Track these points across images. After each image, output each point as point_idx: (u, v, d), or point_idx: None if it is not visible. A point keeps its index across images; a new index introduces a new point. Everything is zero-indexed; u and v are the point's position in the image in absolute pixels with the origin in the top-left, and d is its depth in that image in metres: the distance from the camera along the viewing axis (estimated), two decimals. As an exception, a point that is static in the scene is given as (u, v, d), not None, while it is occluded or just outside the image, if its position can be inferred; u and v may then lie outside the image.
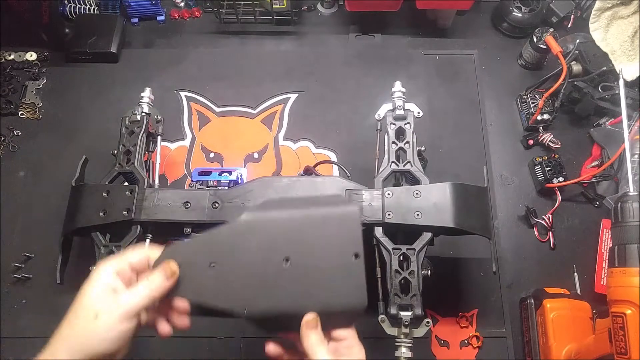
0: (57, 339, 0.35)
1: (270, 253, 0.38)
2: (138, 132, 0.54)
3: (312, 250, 0.38)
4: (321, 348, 0.37)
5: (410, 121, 0.51)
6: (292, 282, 0.37)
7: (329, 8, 0.78)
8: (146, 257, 0.37)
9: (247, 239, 0.39)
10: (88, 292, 0.35)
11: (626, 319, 0.42)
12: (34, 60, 0.73)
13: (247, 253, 0.38)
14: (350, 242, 0.38)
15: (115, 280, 0.36)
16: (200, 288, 0.37)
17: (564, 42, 0.68)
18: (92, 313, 0.35)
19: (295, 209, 0.40)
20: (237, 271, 0.38)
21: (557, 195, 0.62)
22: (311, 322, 0.37)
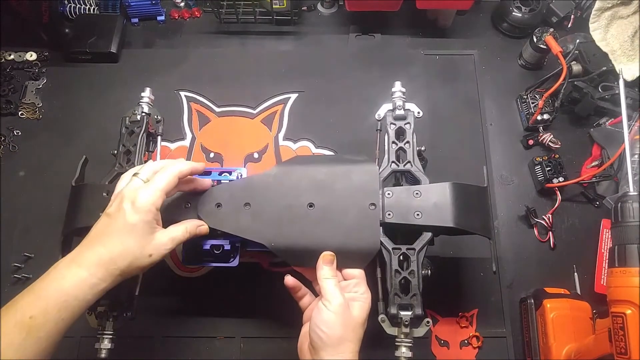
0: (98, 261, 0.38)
1: (296, 198, 0.45)
2: (138, 132, 0.54)
3: (333, 198, 0.45)
4: (332, 280, 0.42)
5: (410, 121, 0.51)
6: (314, 224, 0.44)
7: (329, 8, 0.78)
8: (176, 178, 0.42)
9: (277, 185, 0.46)
10: (140, 228, 0.39)
11: (626, 319, 0.42)
12: (33, 60, 0.73)
13: (276, 197, 0.45)
14: (368, 193, 0.45)
15: (157, 214, 0.41)
16: (236, 223, 0.45)
17: (564, 42, 0.68)
18: (147, 252, 0.40)
19: (322, 162, 0.48)
20: (267, 211, 0.45)
21: (557, 195, 0.62)
22: (327, 257, 0.44)
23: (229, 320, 0.57)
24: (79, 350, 0.55)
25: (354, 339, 0.41)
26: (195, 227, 0.44)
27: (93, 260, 0.38)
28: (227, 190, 0.47)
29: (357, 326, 0.41)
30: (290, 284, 0.46)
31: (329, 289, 0.42)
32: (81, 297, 0.37)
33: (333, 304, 0.41)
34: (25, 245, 0.61)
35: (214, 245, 0.47)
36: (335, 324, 0.40)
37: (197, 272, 0.60)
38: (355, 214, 0.44)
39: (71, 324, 0.37)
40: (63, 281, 0.37)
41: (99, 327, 0.47)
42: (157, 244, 0.40)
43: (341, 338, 0.40)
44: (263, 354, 0.56)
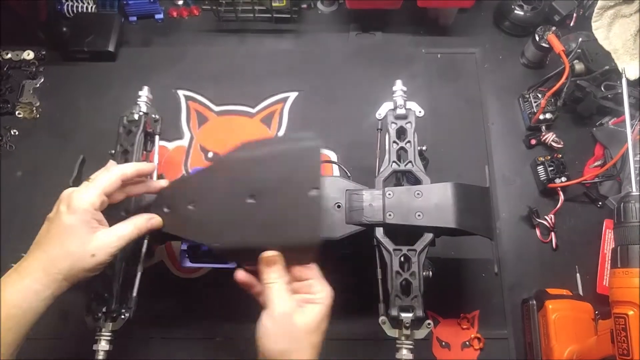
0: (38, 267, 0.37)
1: (237, 191, 0.41)
2: (136, 132, 0.53)
3: (274, 187, 0.40)
4: (275, 285, 0.38)
5: (411, 120, 0.50)
6: (255, 218, 0.40)
7: (329, 6, 0.78)
8: (118, 180, 0.41)
9: (218, 178, 0.42)
10: (78, 228, 0.38)
11: (628, 320, 0.41)
12: (31, 59, 0.72)
13: (217, 192, 0.42)
14: (309, 177, 0.40)
15: (97, 214, 0.40)
16: (182, 224, 0.42)
17: (566, 41, 0.67)
18: (89, 253, 0.38)
19: (263, 148, 0.42)
20: (209, 209, 0.42)
21: (560, 196, 0.62)
22: (268, 258, 0.39)
23: (228, 322, 0.57)
24: (77, 352, 0.54)
25: (302, 351, 0.37)
26: (145, 221, 0.42)
27: (34, 267, 0.37)
28: (173, 190, 0.44)
29: (305, 335, 0.37)
30: (241, 279, 0.42)
31: (271, 295, 0.38)
32: (25, 305, 0.36)
33: (276, 313, 0.37)
34: (22, 246, 0.59)
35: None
36: (278, 336, 0.37)
37: (195, 273, 0.59)
38: (295, 202, 0.39)
39: (23, 333, 0.37)
40: (5, 292, 0.36)
41: (97, 328, 0.46)
42: (100, 243, 0.39)
43: (283, 352, 0.36)
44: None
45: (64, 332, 0.56)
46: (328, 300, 0.39)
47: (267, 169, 0.41)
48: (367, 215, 0.45)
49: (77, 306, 0.47)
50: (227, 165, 0.43)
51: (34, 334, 0.55)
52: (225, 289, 0.57)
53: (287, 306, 0.38)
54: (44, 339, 0.56)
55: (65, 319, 0.57)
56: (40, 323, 0.56)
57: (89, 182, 0.41)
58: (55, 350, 0.56)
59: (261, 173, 0.41)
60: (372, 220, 0.45)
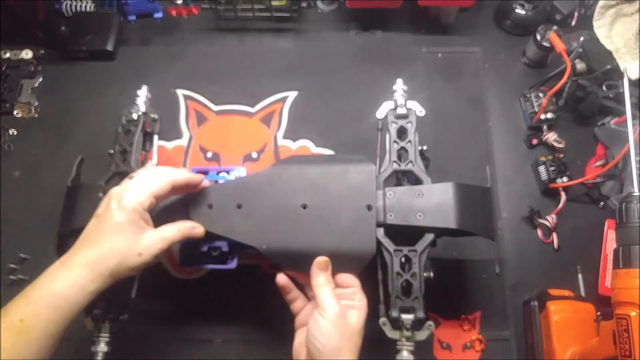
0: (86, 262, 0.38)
1: (290, 199, 0.44)
2: (134, 132, 0.53)
3: (328, 200, 0.43)
4: (327, 288, 0.41)
5: (412, 120, 0.50)
6: (307, 227, 0.43)
7: (328, 5, 0.77)
8: (169, 185, 0.42)
9: (270, 186, 0.45)
10: (127, 227, 0.39)
11: (630, 321, 0.41)
12: (29, 59, 0.72)
13: (269, 198, 0.44)
14: (363, 194, 0.43)
15: (145, 214, 0.41)
16: (227, 225, 0.44)
17: (567, 40, 0.67)
18: (136, 252, 0.39)
19: (316, 162, 0.47)
20: (259, 213, 0.44)
21: (561, 196, 0.62)
22: (322, 263, 0.42)
23: (228, 323, 0.56)
24: (75, 354, 0.54)
25: (352, 348, 0.40)
26: (189, 229, 0.43)
27: (81, 261, 0.38)
28: (219, 190, 0.46)
29: (354, 335, 0.40)
30: (282, 282, 0.45)
31: (324, 297, 0.41)
32: (71, 298, 0.37)
33: (329, 313, 0.40)
34: (20, 246, 0.60)
35: (212, 247, 0.47)
36: (332, 334, 0.39)
37: (195, 274, 0.59)
38: (350, 215, 0.43)
39: (64, 326, 0.37)
40: (52, 284, 0.37)
41: (95, 330, 0.46)
42: (147, 243, 0.40)
43: (338, 348, 0.39)
44: (262, 356, 0.55)
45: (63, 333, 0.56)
46: (366, 308, 0.43)
47: (321, 182, 0.44)
48: (368, 216, 0.45)
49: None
50: (279, 173, 0.45)
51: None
52: (225, 290, 0.57)
53: (339, 308, 0.40)
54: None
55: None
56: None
57: (135, 183, 0.41)
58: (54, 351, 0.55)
59: (314, 184, 0.44)
60: (372, 220, 0.45)
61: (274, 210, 0.44)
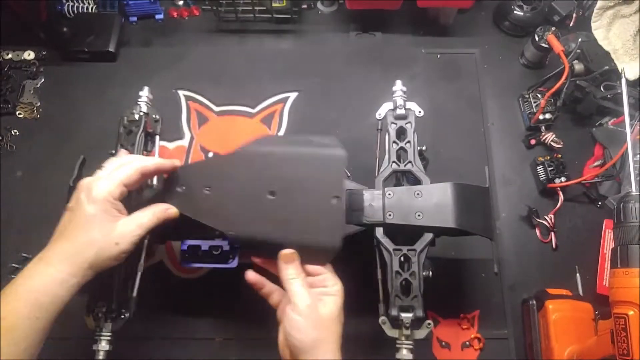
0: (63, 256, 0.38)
1: (257, 185, 0.42)
2: (136, 132, 0.53)
3: (295, 187, 0.41)
4: (296, 280, 0.40)
5: (411, 120, 0.50)
6: (274, 214, 0.41)
7: (329, 6, 0.78)
8: (137, 173, 0.41)
9: (239, 169, 0.42)
10: (100, 217, 0.39)
11: (628, 320, 0.41)
12: (31, 59, 0.72)
13: (237, 182, 0.42)
14: (332, 184, 0.41)
15: (117, 203, 0.40)
16: (196, 207, 0.42)
17: (565, 41, 0.67)
18: (113, 241, 0.39)
19: (286, 146, 0.44)
20: (227, 196, 0.42)
21: (560, 196, 0.62)
22: (288, 256, 0.41)
23: (228, 322, 0.57)
24: (77, 352, 0.54)
25: (331, 338, 0.40)
26: (163, 211, 0.43)
27: (59, 256, 0.38)
28: (190, 171, 0.45)
29: (331, 324, 0.40)
30: (252, 279, 0.44)
31: (294, 290, 0.40)
32: (52, 293, 0.37)
33: (300, 307, 0.39)
34: (22, 246, 0.60)
35: (212, 246, 0.47)
36: (307, 327, 0.39)
37: (195, 273, 0.59)
38: (317, 206, 0.41)
39: (50, 322, 0.37)
40: (31, 280, 0.37)
41: (97, 328, 0.46)
42: (123, 231, 0.40)
43: (316, 340, 0.39)
44: (262, 355, 0.55)
45: (64, 332, 0.56)
46: (341, 292, 0.42)
47: (290, 169, 0.42)
48: (367, 215, 0.45)
49: (77, 306, 0.47)
50: (248, 157, 0.43)
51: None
52: (226, 289, 0.57)
53: (310, 299, 0.40)
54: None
55: (65, 319, 0.56)
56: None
57: (104, 172, 0.41)
58: (55, 350, 0.55)
59: (283, 171, 0.42)
60: (372, 220, 0.45)
61: (241, 195, 0.42)
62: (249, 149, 0.44)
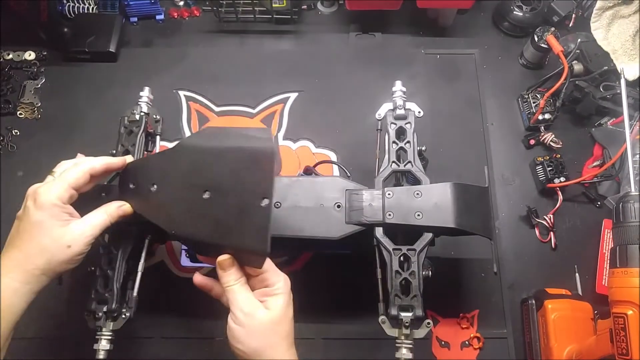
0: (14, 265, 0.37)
1: (194, 181, 0.39)
2: (137, 132, 0.53)
3: (227, 186, 0.38)
4: (235, 287, 0.38)
5: (410, 121, 0.51)
6: (209, 214, 0.38)
7: (329, 7, 0.78)
8: (86, 174, 0.41)
9: (179, 165, 0.41)
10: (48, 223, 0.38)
11: (627, 320, 0.41)
12: (32, 60, 0.73)
13: (177, 178, 0.41)
14: (260, 184, 0.37)
15: (67, 207, 0.39)
16: (144, 204, 0.42)
17: (565, 42, 0.67)
18: (64, 245, 0.38)
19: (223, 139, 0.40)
20: (168, 194, 0.41)
21: (559, 196, 0.62)
22: (224, 262, 0.39)
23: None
24: (77, 352, 0.55)
25: (277, 341, 0.38)
26: (116, 209, 0.42)
27: (9, 264, 0.37)
28: (139, 168, 0.44)
29: (275, 327, 0.38)
30: (199, 282, 0.42)
31: (231, 298, 0.38)
32: (6, 303, 0.36)
33: (239, 317, 0.37)
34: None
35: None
36: (247, 337, 0.37)
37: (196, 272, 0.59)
38: (247, 207, 0.37)
39: (7, 330, 0.37)
40: None
41: (97, 328, 0.46)
42: (75, 234, 0.39)
43: (258, 349, 0.37)
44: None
45: (65, 331, 0.56)
46: (286, 287, 0.39)
47: (223, 166, 0.39)
48: (367, 215, 0.45)
49: (78, 306, 0.47)
50: (188, 152, 0.41)
51: (34, 333, 0.56)
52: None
53: (249, 305, 0.38)
54: (45, 339, 0.56)
55: (66, 318, 0.57)
56: (41, 323, 0.56)
57: (55, 176, 0.41)
58: (56, 349, 0.56)
59: (217, 168, 0.39)
60: (371, 220, 0.45)
61: (180, 193, 0.40)
62: (187, 142, 0.42)
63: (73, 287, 0.57)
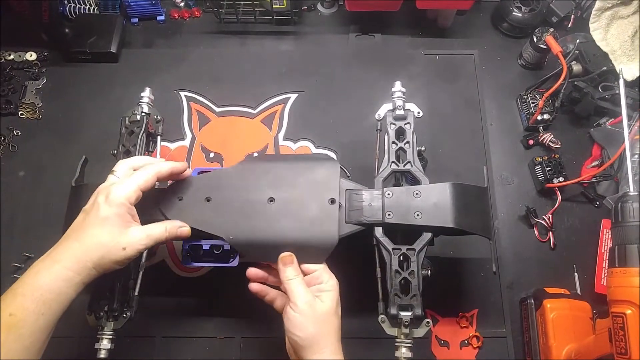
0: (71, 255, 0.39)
1: (257, 193, 0.46)
2: (138, 132, 0.54)
3: (294, 193, 0.45)
4: (295, 280, 0.43)
5: (410, 121, 0.51)
6: (273, 218, 0.45)
7: (329, 8, 0.78)
8: (154, 178, 0.43)
9: (239, 180, 0.46)
10: (113, 221, 0.40)
11: (626, 319, 0.42)
12: (33, 60, 0.73)
13: (237, 192, 0.46)
14: (328, 188, 0.45)
15: (132, 209, 0.41)
16: (196, 216, 0.45)
17: (564, 42, 0.68)
18: (120, 246, 0.40)
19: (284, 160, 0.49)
20: (227, 205, 0.45)
21: (558, 195, 0.62)
22: (286, 258, 0.44)
23: (229, 320, 0.57)
24: (79, 351, 0.55)
25: (330, 331, 0.42)
26: (176, 228, 0.44)
27: (66, 254, 0.39)
28: (190, 184, 0.47)
29: (329, 319, 0.42)
30: (255, 289, 0.47)
31: (293, 289, 0.42)
32: (57, 290, 0.37)
33: (299, 305, 0.41)
34: (25, 246, 0.61)
35: (213, 246, 0.47)
36: (306, 324, 0.41)
37: (196, 272, 0.60)
38: (315, 208, 0.45)
39: (55, 319, 0.38)
40: (38, 276, 0.37)
41: (99, 327, 0.46)
42: (132, 238, 0.40)
43: (315, 335, 0.41)
44: (263, 354, 0.56)
45: (66, 331, 0.56)
46: (337, 287, 0.44)
47: (288, 176, 0.46)
48: (367, 215, 0.45)
49: (79, 305, 0.47)
50: (248, 169, 0.47)
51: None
52: (227, 288, 0.58)
53: (308, 297, 0.42)
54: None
55: (67, 317, 0.57)
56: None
57: (117, 175, 0.43)
58: (57, 348, 0.56)
59: (282, 181, 0.46)
60: (371, 219, 0.45)
61: (241, 203, 0.45)
62: (249, 162, 0.49)
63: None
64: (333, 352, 0.41)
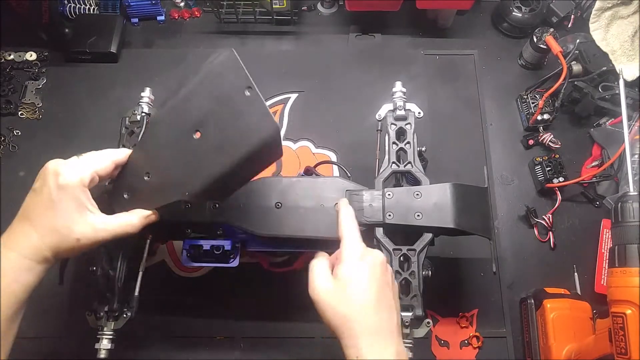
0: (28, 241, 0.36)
1: (180, 132, 0.39)
2: (138, 133, 0.54)
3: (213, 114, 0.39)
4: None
5: (410, 121, 0.51)
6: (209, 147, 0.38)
7: (329, 8, 0.78)
8: (111, 162, 0.39)
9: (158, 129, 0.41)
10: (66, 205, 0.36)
11: (626, 319, 0.42)
12: (33, 60, 0.73)
13: (160, 140, 0.40)
14: (239, 80, 0.39)
15: (86, 192, 0.37)
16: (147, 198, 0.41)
17: (564, 42, 0.68)
18: (74, 236, 0.36)
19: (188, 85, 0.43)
20: (161, 165, 0.40)
21: (558, 195, 0.62)
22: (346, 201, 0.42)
23: (229, 320, 0.57)
24: (79, 351, 0.55)
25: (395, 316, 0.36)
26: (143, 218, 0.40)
27: (21, 241, 0.36)
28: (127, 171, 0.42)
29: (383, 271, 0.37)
30: None
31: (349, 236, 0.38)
32: (21, 280, 0.35)
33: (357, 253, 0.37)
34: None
35: (214, 246, 0.47)
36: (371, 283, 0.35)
37: (197, 272, 0.60)
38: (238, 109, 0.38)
39: (19, 308, 0.36)
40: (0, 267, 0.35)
41: (99, 327, 0.46)
42: (88, 230, 0.36)
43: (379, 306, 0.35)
44: (263, 354, 0.56)
45: (66, 330, 0.56)
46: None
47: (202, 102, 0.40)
48: (367, 216, 0.45)
49: (80, 305, 0.47)
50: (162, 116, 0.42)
51: (35, 333, 0.57)
52: (226, 288, 0.58)
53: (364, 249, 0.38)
54: (47, 338, 0.56)
55: (67, 317, 0.57)
56: (42, 322, 0.57)
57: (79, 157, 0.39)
58: (58, 348, 0.56)
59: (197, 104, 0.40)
60: (372, 220, 0.45)
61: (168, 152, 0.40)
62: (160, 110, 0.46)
63: (74, 286, 0.57)
64: None
